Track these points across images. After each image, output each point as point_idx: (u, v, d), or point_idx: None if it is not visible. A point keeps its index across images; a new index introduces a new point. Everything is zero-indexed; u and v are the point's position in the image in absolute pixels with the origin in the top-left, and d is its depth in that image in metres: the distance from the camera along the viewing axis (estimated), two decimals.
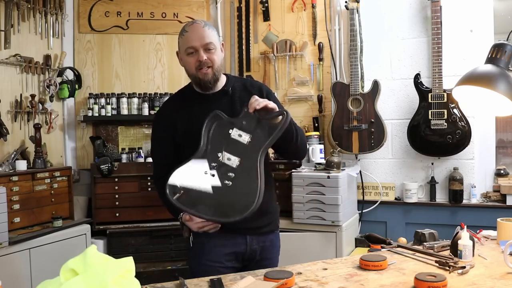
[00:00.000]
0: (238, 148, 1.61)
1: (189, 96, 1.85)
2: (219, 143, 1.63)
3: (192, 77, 1.79)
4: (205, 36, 1.71)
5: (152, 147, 1.93)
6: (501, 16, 3.12)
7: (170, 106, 1.89)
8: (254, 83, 1.92)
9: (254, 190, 1.55)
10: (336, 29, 3.41)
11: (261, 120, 1.63)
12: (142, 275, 2.90)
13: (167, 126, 1.82)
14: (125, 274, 1.13)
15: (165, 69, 3.62)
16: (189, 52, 1.73)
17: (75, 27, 3.51)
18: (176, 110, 1.83)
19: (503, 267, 1.47)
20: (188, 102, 1.83)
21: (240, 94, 1.83)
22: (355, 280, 1.41)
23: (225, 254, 1.78)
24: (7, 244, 2.48)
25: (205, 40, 1.71)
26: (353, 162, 3.32)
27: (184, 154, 1.75)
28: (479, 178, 3.11)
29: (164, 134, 1.84)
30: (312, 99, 3.46)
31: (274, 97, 1.90)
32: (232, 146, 1.62)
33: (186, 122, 1.79)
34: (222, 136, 1.64)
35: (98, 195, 3.20)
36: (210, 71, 1.74)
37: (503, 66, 1.58)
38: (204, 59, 1.71)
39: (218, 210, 1.56)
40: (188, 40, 1.72)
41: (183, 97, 1.87)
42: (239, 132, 1.62)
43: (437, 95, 3.00)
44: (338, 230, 2.84)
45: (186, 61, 1.75)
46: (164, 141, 1.84)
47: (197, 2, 3.66)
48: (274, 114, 1.63)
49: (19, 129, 3.09)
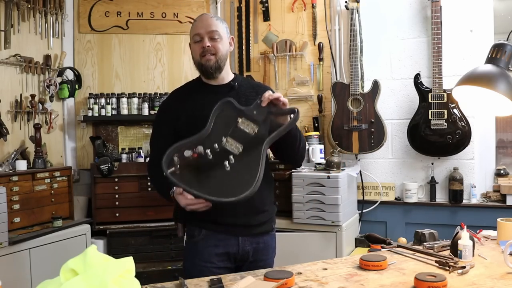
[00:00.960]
0: (243, 136, 1.61)
1: (196, 87, 1.89)
2: (225, 128, 1.62)
3: (196, 64, 1.84)
4: (211, 24, 1.78)
5: (152, 133, 1.93)
6: (501, 16, 3.12)
7: (175, 95, 1.92)
8: (260, 85, 1.98)
9: (252, 177, 1.53)
10: (336, 29, 3.41)
11: (271, 114, 1.63)
12: (142, 275, 2.90)
13: (170, 114, 1.84)
14: (125, 274, 1.13)
15: (165, 69, 3.62)
16: (195, 40, 1.80)
17: (75, 27, 3.51)
18: (181, 99, 1.86)
19: (503, 267, 1.47)
20: (194, 92, 1.86)
21: (246, 91, 1.86)
22: (355, 280, 1.41)
23: (217, 254, 1.78)
24: (7, 244, 2.48)
25: (210, 27, 1.78)
26: (353, 162, 3.32)
27: None
28: (479, 178, 3.11)
29: (166, 121, 1.85)
30: (312, 99, 3.46)
31: None
32: (237, 133, 1.61)
33: (190, 111, 1.80)
34: (229, 122, 1.63)
35: (98, 195, 3.20)
36: (213, 58, 1.79)
37: (503, 66, 1.58)
38: (207, 46, 1.77)
39: (212, 190, 1.54)
40: (195, 28, 1.80)
41: (190, 88, 1.91)
42: (247, 121, 1.62)
43: (437, 95, 3.00)
44: (338, 230, 2.84)
45: (192, 48, 1.82)
46: (165, 127, 1.86)
47: (197, 2, 3.66)
48: (286, 110, 1.63)
49: (19, 129, 3.09)
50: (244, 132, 1.61)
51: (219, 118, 1.64)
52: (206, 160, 1.58)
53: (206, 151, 1.58)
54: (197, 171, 1.58)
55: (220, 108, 1.65)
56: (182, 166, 1.58)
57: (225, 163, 1.56)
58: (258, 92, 1.84)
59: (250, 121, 1.62)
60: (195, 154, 1.59)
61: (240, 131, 1.61)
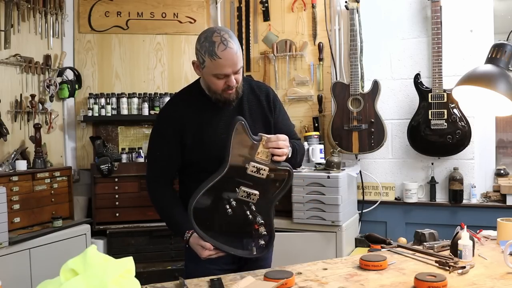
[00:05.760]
0: (257, 182, 1.64)
1: (198, 98, 1.79)
2: (240, 173, 1.63)
3: (214, 94, 1.73)
4: (237, 63, 1.64)
5: (153, 145, 1.82)
6: (501, 16, 3.12)
7: (179, 110, 1.79)
8: (261, 86, 1.88)
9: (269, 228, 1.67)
10: (336, 29, 3.41)
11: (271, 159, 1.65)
12: (142, 275, 2.90)
13: (176, 128, 1.75)
14: (125, 274, 1.13)
15: (165, 69, 3.62)
16: (219, 77, 1.66)
17: (75, 27, 3.51)
18: (185, 115, 1.76)
19: (503, 267, 1.47)
20: (198, 106, 1.77)
21: (248, 98, 1.81)
22: (355, 280, 1.41)
23: (221, 256, 1.77)
24: (7, 244, 2.48)
25: (237, 67, 1.65)
26: (353, 162, 3.32)
27: (189, 157, 1.75)
28: (479, 178, 3.11)
29: (171, 134, 1.76)
30: (312, 99, 3.46)
31: (280, 103, 1.89)
32: (251, 179, 1.64)
33: (196, 126, 1.75)
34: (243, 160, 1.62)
35: (98, 195, 3.20)
36: (234, 91, 1.71)
37: (503, 66, 1.58)
38: (234, 84, 1.67)
39: (230, 240, 1.66)
40: (220, 67, 1.63)
41: (192, 100, 1.79)
42: (257, 165, 1.62)
43: (437, 95, 3.00)
44: (338, 230, 2.84)
45: (212, 81, 1.68)
46: (170, 141, 1.76)
47: (197, 2, 3.66)
48: (279, 167, 1.65)
49: (19, 129, 3.09)
50: (257, 177, 1.63)
51: (234, 148, 1.63)
52: (227, 214, 1.63)
53: (226, 207, 1.63)
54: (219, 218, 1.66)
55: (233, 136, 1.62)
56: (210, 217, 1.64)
57: (247, 212, 1.64)
58: (259, 98, 1.82)
59: (259, 164, 1.63)
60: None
61: (251, 177, 1.63)
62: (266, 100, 1.83)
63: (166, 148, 1.78)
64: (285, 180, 1.67)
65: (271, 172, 1.63)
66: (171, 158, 1.78)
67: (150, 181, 1.86)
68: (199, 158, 1.74)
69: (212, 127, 1.74)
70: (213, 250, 1.65)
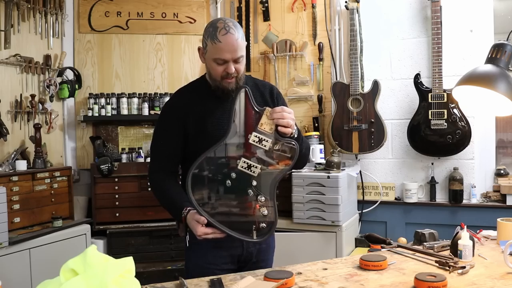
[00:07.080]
0: (259, 153, 1.59)
1: (203, 89, 1.80)
2: (241, 142, 1.59)
3: (213, 81, 1.74)
4: (237, 50, 1.65)
5: (157, 137, 1.84)
6: (501, 16, 3.12)
7: (183, 99, 1.82)
8: (265, 83, 1.91)
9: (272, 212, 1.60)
10: (336, 29, 3.41)
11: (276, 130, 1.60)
12: (142, 275, 2.90)
13: (179, 119, 1.77)
14: (125, 274, 1.13)
15: (165, 69, 3.62)
16: (218, 63, 1.68)
17: (75, 27, 3.51)
18: (189, 104, 1.78)
19: (503, 267, 1.47)
20: (202, 96, 1.79)
21: (252, 91, 1.82)
22: (355, 280, 1.41)
23: (222, 256, 1.76)
24: (7, 244, 2.48)
25: (237, 54, 1.66)
26: (353, 162, 3.32)
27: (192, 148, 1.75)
28: (479, 178, 3.11)
29: (174, 126, 1.78)
30: (312, 99, 3.46)
31: (283, 100, 1.90)
32: (253, 150, 1.59)
33: (199, 115, 1.76)
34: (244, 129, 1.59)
35: (98, 195, 3.20)
36: (234, 80, 1.71)
37: (503, 66, 1.58)
38: (232, 71, 1.68)
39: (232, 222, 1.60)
40: (219, 51, 1.65)
41: (197, 91, 1.82)
42: (260, 135, 1.58)
43: (437, 95, 3.00)
44: (338, 230, 2.84)
45: (212, 66, 1.70)
46: (172, 132, 1.78)
47: (197, 2, 3.66)
48: (284, 141, 1.59)
49: (19, 129, 3.09)
50: (259, 148, 1.58)
51: (236, 116, 1.60)
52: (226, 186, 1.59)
53: (226, 179, 1.59)
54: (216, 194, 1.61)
55: (237, 99, 1.60)
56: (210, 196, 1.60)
57: (247, 188, 1.59)
58: (263, 94, 1.83)
59: (262, 134, 1.58)
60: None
61: (253, 148, 1.58)
62: (270, 96, 1.86)
63: (169, 137, 1.79)
64: (289, 156, 1.59)
65: (274, 145, 1.58)
66: (174, 147, 1.78)
67: (152, 171, 1.86)
68: (202, 149, 1.74)
69: (216, 118, 1.74)
70: (210, 228, 1.60)
